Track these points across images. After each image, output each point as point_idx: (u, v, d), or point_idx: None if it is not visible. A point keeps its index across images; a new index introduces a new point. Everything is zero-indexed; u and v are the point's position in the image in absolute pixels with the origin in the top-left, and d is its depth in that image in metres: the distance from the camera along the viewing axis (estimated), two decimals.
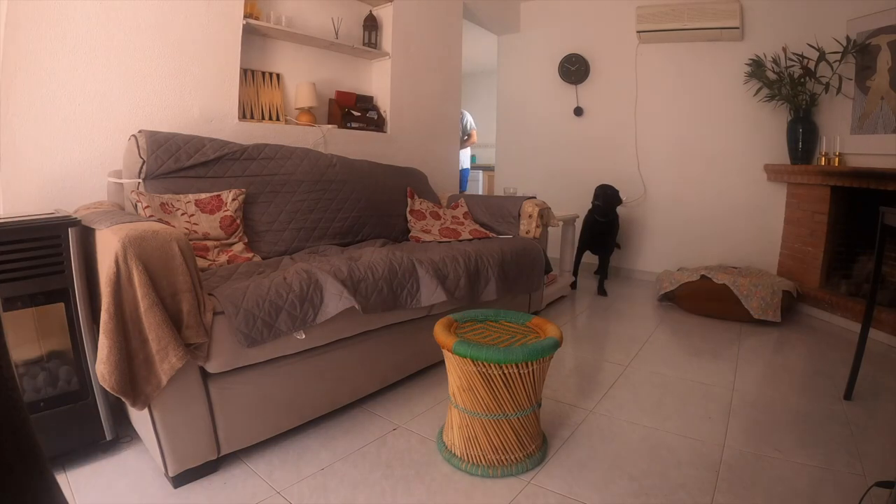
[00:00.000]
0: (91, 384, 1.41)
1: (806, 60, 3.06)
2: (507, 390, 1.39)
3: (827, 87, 3.03)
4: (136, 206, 1.73)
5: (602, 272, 3.64)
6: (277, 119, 2.58)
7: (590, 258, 4.03)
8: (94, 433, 1.43)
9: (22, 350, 1.37)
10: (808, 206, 3.15)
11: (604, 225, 3.47)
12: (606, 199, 3.42)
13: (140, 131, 1.86)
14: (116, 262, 1.17)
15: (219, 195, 1.95)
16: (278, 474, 1.42)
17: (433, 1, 3.36)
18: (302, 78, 2.73)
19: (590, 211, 3.54)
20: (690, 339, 2.67)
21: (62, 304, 1.37)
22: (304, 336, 1.50)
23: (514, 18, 4.40)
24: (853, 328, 2.62)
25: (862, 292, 2.85)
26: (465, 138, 5.25)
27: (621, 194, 3.51)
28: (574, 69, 4.19)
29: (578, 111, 4.24)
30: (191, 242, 1.51)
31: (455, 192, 3.55)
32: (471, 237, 2.63)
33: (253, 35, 2.44)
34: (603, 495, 1.34)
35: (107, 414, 1.44)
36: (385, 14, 3.05)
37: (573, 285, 3.63)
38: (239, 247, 1.95)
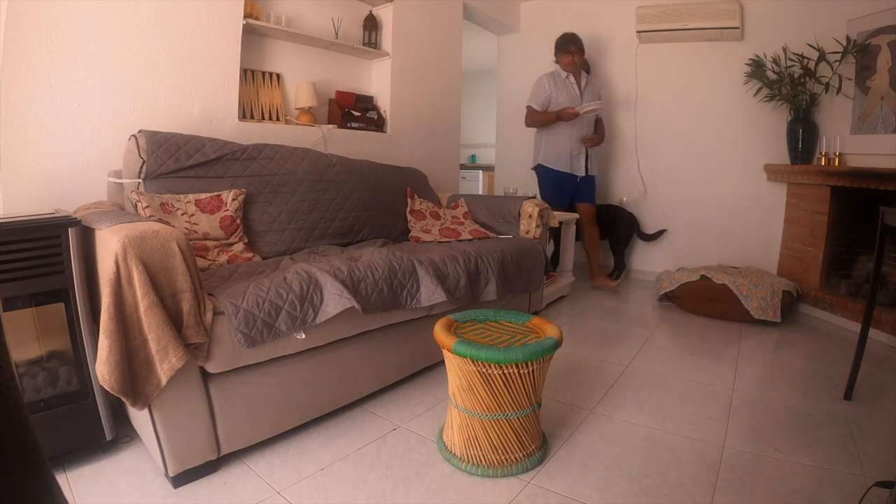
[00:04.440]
0: (91, 384, 1.41)
1: (806, 60, 3.06)
2: (507, 390, 1.39)
3: (827, 87, 3.03)
4: (136, 206, 1.73)
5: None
6: (277, 119, 2.58)
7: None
8: (94, 433, 1.43)
9: (22, 350, 1.36)
10: (808, 206, 3.15)
11: None
12: None
13: (140, 131, 1.86)
14: (116, 262, 1.17)
15: (219, 195, 1.95)
16: (278, 474, 1.42)
17: (433, 1, 3.36)
18: (302, 78, 2.73)
19: None
20: (690, 339, 2.67)
21: (62, 304, 1.37)
22: (304, 336, 1.50)
23: (514, 18, 4.41)
24: (853, 328, 2.62)
25: (862, 292, 2.85)
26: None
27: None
28: None
29: None
30: (191, 242, 1.51)
31: (455, 191, 3.55)
32: (471, 237, 2.63)
33: (253, 35, 2.44)
34: (603, 495, 1.34)
35: (107, 414, 1.44)
36: (385, 14, 3.06)
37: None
38: (239, 247, 1.95)
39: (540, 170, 3.51)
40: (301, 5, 2.67)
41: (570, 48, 3.32)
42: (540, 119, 3.38)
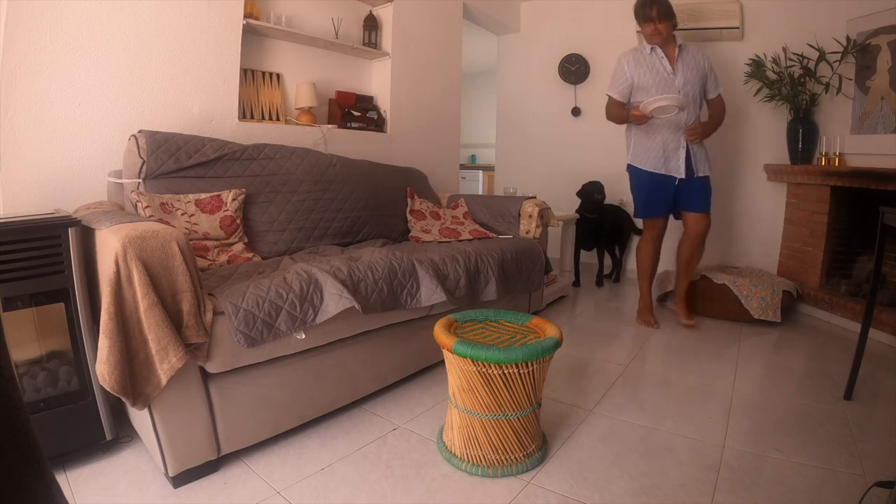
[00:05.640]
0: (91, 384, 1.41)
1: (806, 60, 3.06)
2: (507, 390, 1.39)
3: (827, 87, 3.03)
4: (136, 206, 1.73)
5: (600, 267, 3.76)
6: (277, 119, 2.58)
7: (590, 258, 4.03)
8: (94, 433, 1.43)
9: (22, 350, 1.37)
10: (808, 206, 3.15)
11: (594, 221, 3.56)
12: (587, 195, 3.54)
13: (140, 131, 1.86)
14: (116, 262, 1.17)
15: (219, 195, 1.95)
16: (278, 474, 1.42)
17: (433, 1, 3.36)
18: (302, 78, 2.73)
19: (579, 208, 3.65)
20: (690, 338, 2.67)
21: (62, 304, 1.37)
22: (304, 336, 1.50)
23: (514, 18, 4.41)
24: (853, 328, 2.62)
25: (862, 292, 2.84)
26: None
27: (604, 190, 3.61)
28: (574, 69, 4.19)
29: (576, 111, 4.25)
30: (191, 242, 1.51)
31: (455, 191, 3.55)
32: (471, 237, 2.63)
33: (253, 35, 2.44)
34: (603, 495, 1.34)
35: (107, 414, 1.44)
36: (385, 14, 3.06)
37: (575, 283, 3.70)
38: (239, 247, 1.95)
39: (630, 171, 2.78)
40: (301, 5, 2.67)
41: (649, 13, 2.46)
42: (616, 115, 2.65)
